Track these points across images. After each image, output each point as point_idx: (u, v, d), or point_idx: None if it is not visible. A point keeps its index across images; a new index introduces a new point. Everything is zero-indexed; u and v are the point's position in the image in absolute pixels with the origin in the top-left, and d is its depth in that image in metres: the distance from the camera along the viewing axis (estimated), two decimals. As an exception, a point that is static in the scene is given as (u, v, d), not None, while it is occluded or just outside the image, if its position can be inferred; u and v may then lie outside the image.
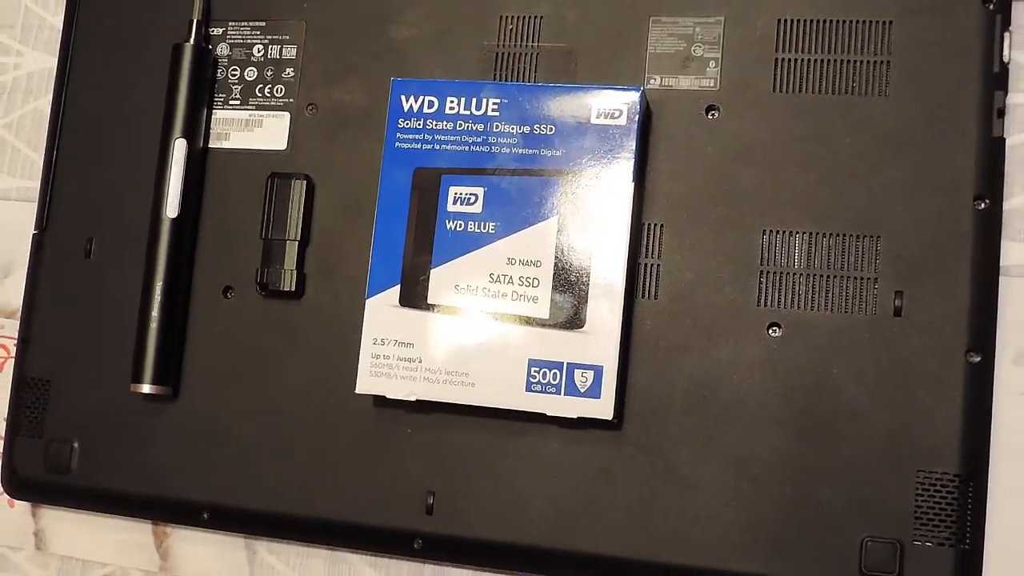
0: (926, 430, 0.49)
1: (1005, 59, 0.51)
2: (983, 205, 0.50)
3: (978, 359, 0.49)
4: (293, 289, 0.56)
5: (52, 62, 0.63)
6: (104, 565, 0.60)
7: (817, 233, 0.51)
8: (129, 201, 0.59)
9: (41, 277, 0.60)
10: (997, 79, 0.51)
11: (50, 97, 0.62)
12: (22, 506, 0.61)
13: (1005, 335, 0.51)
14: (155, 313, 0.56)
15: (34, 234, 0.61)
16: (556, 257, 0.51)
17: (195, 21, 0.58)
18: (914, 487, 0.49)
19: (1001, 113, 0.51)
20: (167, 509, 0.57)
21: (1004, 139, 0.51)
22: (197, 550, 0.59)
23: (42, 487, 0.59)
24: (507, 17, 0.56)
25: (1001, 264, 0.51)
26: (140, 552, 0.60)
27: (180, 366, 0.57)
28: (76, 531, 0.61)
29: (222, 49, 0.59)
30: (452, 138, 0.53)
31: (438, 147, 0.53)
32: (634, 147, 0.51)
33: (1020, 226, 0.53)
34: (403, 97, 0.54)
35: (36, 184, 0.62)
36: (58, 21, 0.64)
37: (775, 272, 0.52)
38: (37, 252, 0.60)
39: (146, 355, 0.56)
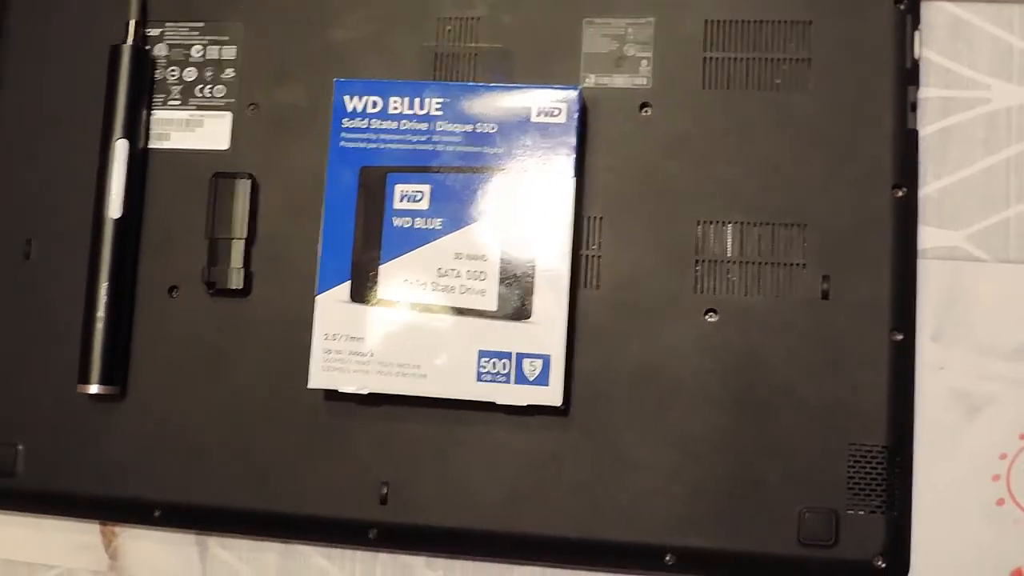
0: (856, 405, 0.52)
1: (916, 56, 0.55)
2: (901, 193, 0.53)
3: (901, 337, 0.53)
4: (240, 287, 0.57)
5: (-19, 64, 0.63)
6: (50, 568, 0.60)
7: (747, 223, 0.54)
8: (68, 202, 0.59)
9: (-21, 280, 0.60)
10: (909, 74, 0.54)
11: (-20, 99, 0.62)
12: (-38, 512, 0.61)
13: (923, 313, 0.54)
14: (101, 313, 0.56)
15: (-30, 237, 0.60)
16: (502, 251, 0.53)
17: (132, 22, 0.58)
18: (846, 459, 0.52)
19: (914, 107, 0.54)
20: (118, 509, 0.58)
21: (917, 131, 0.54)
22: (147, 548, 0.59)
23: (-14, 491, 0.59)
24: (445, 18, 0.58)
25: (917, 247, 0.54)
26: (88, 553, 0.60)
27: (127, 365, 0.58)
28: (21, 534, 0.61)
29: (160, 50, 0.60)
30: (397, 137, 0.54)
31: (383, 146, 0.54)
32: (574, 143, 0.53)
33: (933, 211, 0.56)
34: (347, 97, 0.55)
35: (-31, 188, 0.61)
36: (-14, 23, 0.64)
37: (710, 260, 0.54)
38: (-27, 255, 0.60)
39: (93, 355, 0.56)
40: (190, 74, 0.59)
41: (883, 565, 0.51)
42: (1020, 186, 0.56)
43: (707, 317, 0.54)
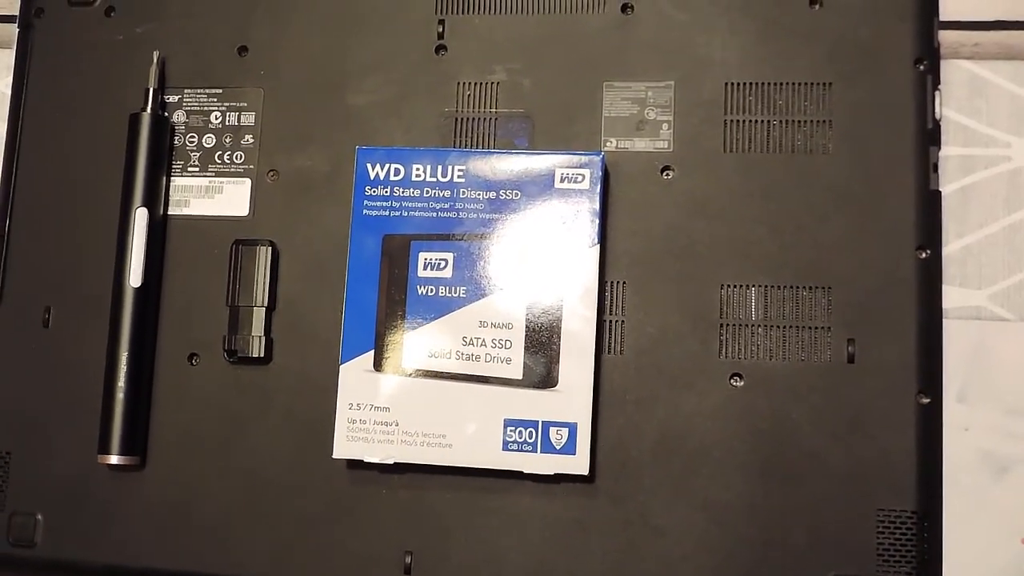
0: (884, 470, 0.52)
1: (937, 116, 0.55)
2: (924, 255, 0.53)
3: (928, 400, 0.52)
4: (262, 355, 0.56)
5: (-1, 129, 0.63)
6: (69, 638, 0.60)
7: (771, 286, 0.54)
8: (87, 270, 0.59)
9: (-2, 349, 0.59)
10: (931, 135, 0.54)
11: (-2, 166, 0.61)
12: (-21, 582, 0.61)
13: (947, 374, 0.54)
14: (121, 383, 0.56)
15: (-12, 305, 0.60)
16: (526, 319, 0.53)
17: (151, 89, 0.58)
18: (875, 525, 0.51)
19: (936, 167, 0.54)
20: (136, 579, 0.57)
21: (940, 192, 0.54)
22: (167, 618, 0.59)
23: (4, 561, 0.58)
24: (464, 83, 0.58)
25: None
26: (106, 623, 0.59)
27: (147, 435, 0.57)
28: (37, 604, 0.60)
29: (178, 116, 0.59)
30: (420, 205, 0.54)
31: (406, 214, 0.54)
32: (597, 209, 0.53)
33: (955, 271, 0.56)
34: (369, 165, 0.55)
35: (-13, 255, 0.61)
36: (3, 86, 0.63)
37: (734, 324, 0.54)
38: (-8, 323, 0.60)
39: (113, 426, 0.56)
40: (209, 141, 0.59)
41: (914, 631, 0.51)
42: (1042, 245, 0.56)
43: (732, 382, 0.53)
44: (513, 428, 0.52)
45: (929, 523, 0.51)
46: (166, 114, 0.59)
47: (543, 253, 0.53)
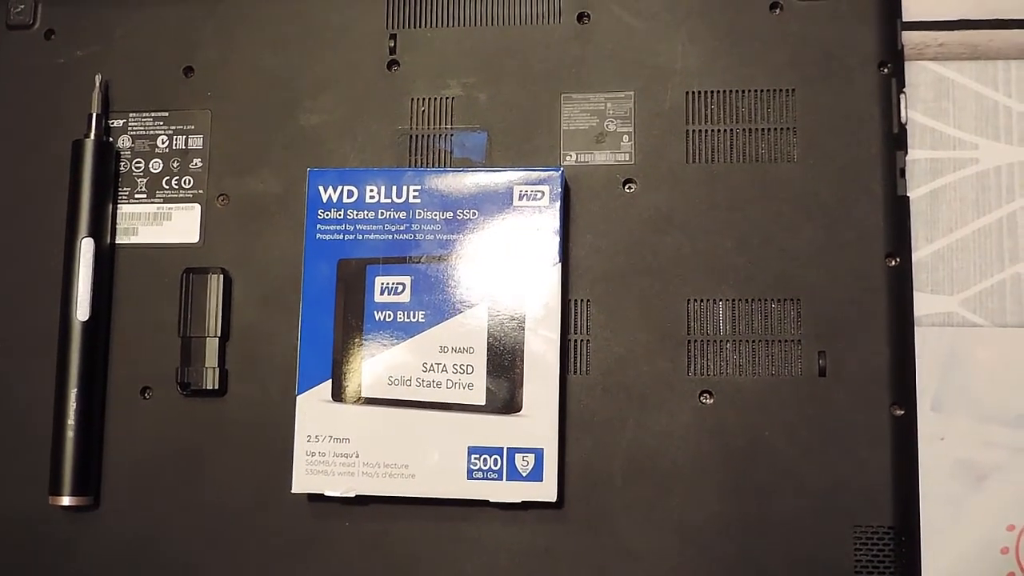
0: (859, 485, 0.50)
1: (903, 120, 0.53)
2: (894, 262, 0.52)
3: (901, 412, 0.51)
4: (216, 387, 0.54)
5: (-63, 160, 0.60)
6: None
7: (739, 299, 0.53)
8: (32, 304, 0.56)
9: (-59, 389, 0.57)
10: (897, 139, 0.53)
11: (-63, 197, 0.59)
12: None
13: (920, 383, 0.53)
14: (71, 421, 0.54)
15: (-70, 343, 0.58)
16: (488, 342, 0.51)
17: (94, 114, 0.56)
18: (852, 542, 0.50)
19: (903, 172, 0.53)
20: (94, 623, 0.55)
21: (908, 197, 0.53)
22: (127, 661, 0.57)
23: (-46, 609, 0.56)
24: (418, 99, 0.56)
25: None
26: (65, 667, 0.57)
27: (99, 474, 0.55)
28: (-9, 650, 0.58)
29: (124, 141, 0.57)
30: (375, 227, 0.52)
31: (361, 237, 0.52)
32: (558, 226, 0.52)
33: (926, 277, 0.55)
34: (321, 187, 0.53)
35: (-72, 290, 0.59)
36: (-60, 117, 0.61)
37: (702, 340, 0.52)
38: (-65, 363, 0.57)
39: (64, 465, 0.54)
40: (156, 166, 0.57)
41: (895, 649, 0.49)
42: (1013, 247, 0.55)
43: (702, 399, 0.52)
44: (478, 456, 0.50)
45: (907, 538, 0.50)
46: (110, 139, 0.57)
47: (503, 273, 0.52)
